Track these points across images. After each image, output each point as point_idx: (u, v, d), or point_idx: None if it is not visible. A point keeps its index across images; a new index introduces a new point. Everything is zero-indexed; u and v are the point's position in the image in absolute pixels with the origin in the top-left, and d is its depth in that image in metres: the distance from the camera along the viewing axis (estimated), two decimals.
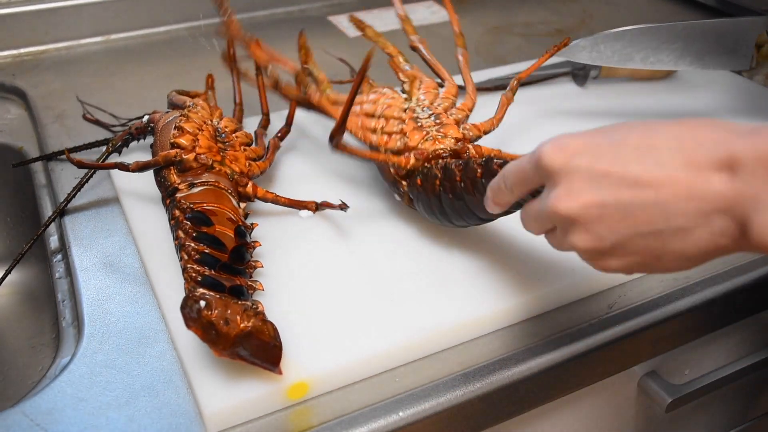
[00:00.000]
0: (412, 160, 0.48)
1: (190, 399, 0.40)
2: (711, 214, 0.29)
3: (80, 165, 0.50)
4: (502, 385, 0.42)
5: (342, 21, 0.91)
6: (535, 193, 0.37)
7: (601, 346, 0.45)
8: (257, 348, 0.39)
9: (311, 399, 0.40)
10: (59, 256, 0.54)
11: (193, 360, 0.41)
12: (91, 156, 0.60)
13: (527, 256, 0.48)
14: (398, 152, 0.50)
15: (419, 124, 0.51)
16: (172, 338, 0.43)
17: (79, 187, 0.55)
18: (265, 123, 0.59)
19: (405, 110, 0.52)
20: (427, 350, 0.43)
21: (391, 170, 0.50)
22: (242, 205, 0.50)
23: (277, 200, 0.51)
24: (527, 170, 0.35)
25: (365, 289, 0.46)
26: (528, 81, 0.73)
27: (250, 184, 0.51)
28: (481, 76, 0.73)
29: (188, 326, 0.38)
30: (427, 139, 0.49)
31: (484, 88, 0.70)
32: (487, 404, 0.42)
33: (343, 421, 0.39)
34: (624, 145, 0.31)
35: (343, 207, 0.50)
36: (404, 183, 0.49)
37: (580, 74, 0.72)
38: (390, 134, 0.51)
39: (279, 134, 0.58)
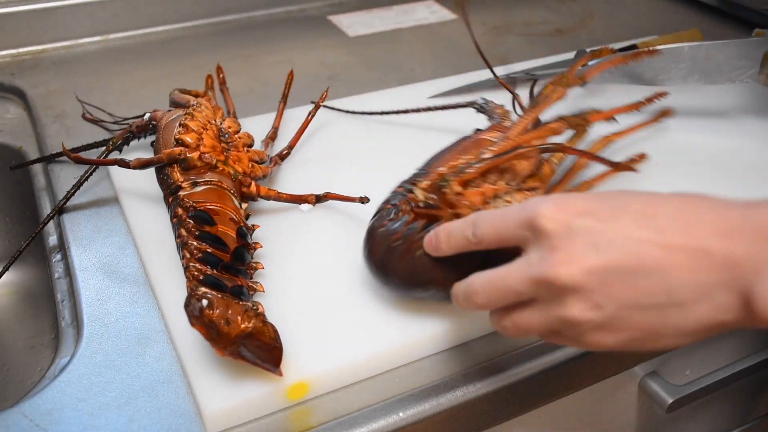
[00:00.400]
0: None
1: (189, 399, 0.40)
2: (713, 287, 0.29)
3: (79, 161, 0.49)
4: (502, 385, 0.42)
5: (342, 20, 0.90)
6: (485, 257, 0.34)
7: None
8: (258, 349, 0.39)
9: (311, 399, 0.40)
10: (58, 257, 0.54)
11: (193, 360, 0.40)
12: (90, 156, 0.60)
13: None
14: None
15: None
16: (171, 338, 0.43)
17: (78, 185, 0.55)
18: (273, 135, 0.59)
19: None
20: (427, 350, 0.43)
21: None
22: (244, 205, 0.49)
23: (279, 197, 0.52)
24: (511, 226, 0.33)
25: (365, 290, 0.46)
26: (528, 79, 0.73)
27: (253, 184, 0.51)
28: (481, 75, 0.73)
29: (192, 324, 0.38)
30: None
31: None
32: (488, 405, 0.42)
33: (343, 422, 0.39)
34: (627, 211, 0.30)
35: (364, 200, 0.51)
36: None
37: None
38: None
39: (281, 153, 0.57)
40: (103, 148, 0.58)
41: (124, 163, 0.48)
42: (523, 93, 0.71)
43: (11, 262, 0.52)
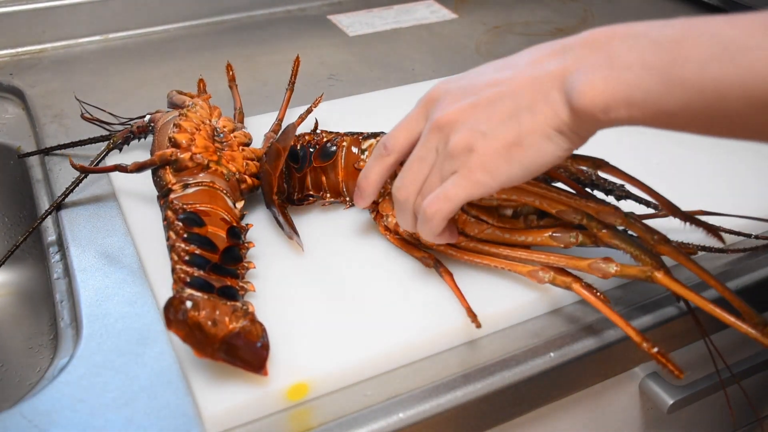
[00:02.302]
0: None
1: (189, 400, 0.40)
2: (548, 90, 0.36)
3: (83, 170, 0.50)
4: (502, 386, 0.42)
5: (342, 20, 0.90)
6: None
7: (603, 347, 0.44)
8: (245, 348, 0.38)
9: (311, 400, 0.40)
10: (57, 257, 0.53)
11: (193, 361, 0.40)
12: (91, 152, 0.60)
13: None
14: None
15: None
16: (171, 339, 0.43)
17: (77, 182, 0.55)
18: (276, 129, 0.59)
19: None
20: (427, 351, 0.43)
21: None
22: (238, 205, 0.49)
23: None
24: (413, 117, 0.43)
25: (365, 290, 0.46)
26: None
27: (249, 179, 0.51)
28: None
29: (168, 327, 0.37)
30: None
31: None
32: (488, 405, 0.42)
33: (343, 422, 0.39)
34: (489, 69, 0.40)
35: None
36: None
37: None
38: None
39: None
40: (103, 145, 0.58)
41: (122, 168, 0.49)
42: None
43: (8, 255, 0.52)
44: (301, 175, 0.52)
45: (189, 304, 0.38)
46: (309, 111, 0.60)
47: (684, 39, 0.33)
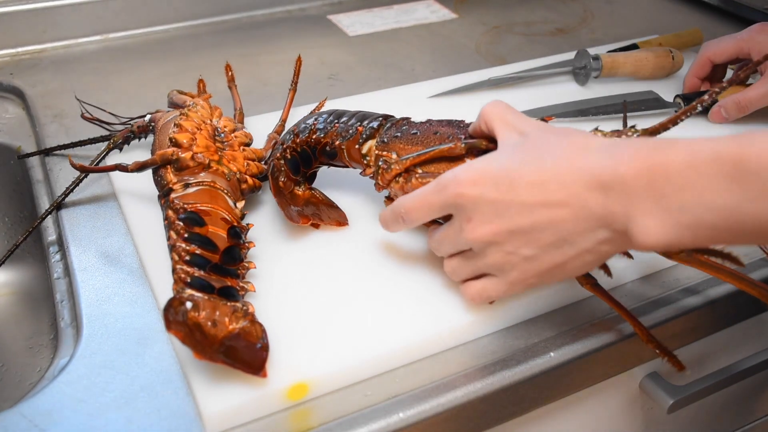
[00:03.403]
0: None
1: (189, 400, 0.40)
2: (594, 228, 0.36)
3: (83, 169, 0.50)
4: (503, 386, 0.42)
5: (342, 20, 0.90)
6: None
7: (603, 346, 0.44)
8: (244, 349, 0.38)
9: (311, 400, 0.40)
10: (57, 257, 0.53)
11: (193, 361, 0.40)
12: (91, 152, 0.60)
13: None
14: None
15: None
16: (171, 339, 0.43)
17: (78, 182, 0.55)
18: (279, 130, 0.59)
19: None
20: (427, 351, 0.43)
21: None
22: (239, 205, 0.49)
23: None
24: (434, 208, 0.41)
25: (366, 290, 0.46)
26: (529, 78, 0.73)
27: (250, 180, 0.51)
28: (481, 75, 0.73)
29: (168, 328, 0.37)
30: None
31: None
32: (488, 405, 0.42)
33: (343, 422, 0.39)
34: (521, 182, 0.38)
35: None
36: None
37: (581, 73, 0.72)
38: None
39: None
40: (103, 144, 0.58)
41: (123, 168, 0.49)
42: (525, 91, 0.71)
43: (8, 255, 0.52)
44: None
45: (189, 304, 0.38)
46: (312, 113, 0.60)
47: (740, 176, 0.32)
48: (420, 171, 0.45)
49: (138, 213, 0.53)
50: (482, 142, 0.44)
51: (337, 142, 0.50)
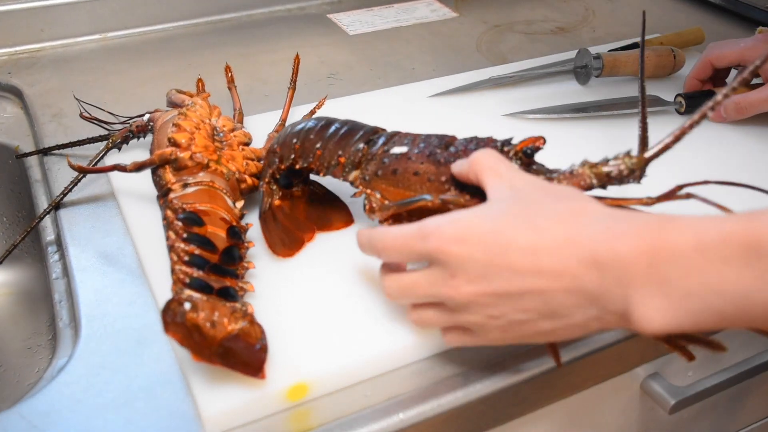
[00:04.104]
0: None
1: (188, 400, 0.39)
2: (586, 305, 0.34)
3: (81, 170, 0.50)
4: (503, 386, 0.42)
5: (342, 19, 0.90)
6: None
7: (604, 347, 0.44)
8: (243, 350, 0.38)
9: (311, 401, 0.40)
10: (56, 257, 0.53)
11: (192, 361, 0.40)
12: (89, 152, 0.60)
13: None
14: None
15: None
16: (169, 339, 0.43)
17: (76, 182, 0.55)
18: (279, 129, 0.58)
19: None
20: (427, 351, 0.43)
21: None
22: (238, 205, 0.49)
23: None
24: (412, 253, 0.38)
25: (365, 290, 0.46)
26: (529, 77, 0.72)
27: (249, 179, 0.51)
28: (482, 74, 0.73)
29: (166, 330, 0.37)
30: None
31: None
32: (488, 406, 0.42)
33: (343, 423, 0.39)
34: (512, 247, 0.35)
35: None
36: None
37: (582, 72, 0.72)
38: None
39: None
40: (102, 144, 0.58)
41: (121, 168, 0.49)
42: (526, 91, 0.70)
43: (6, 254, 0.52)
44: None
45: (188, 305, 0.38)
46: (313, 112, 0.60)
47: (732, 258, 0.30)
48: (404, 215, 0.44)
49: (137, 213, 0.53)
50: (461, 200, 0.42)
51: (322, 173, 0.49)
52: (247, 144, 0.55)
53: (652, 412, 0.54)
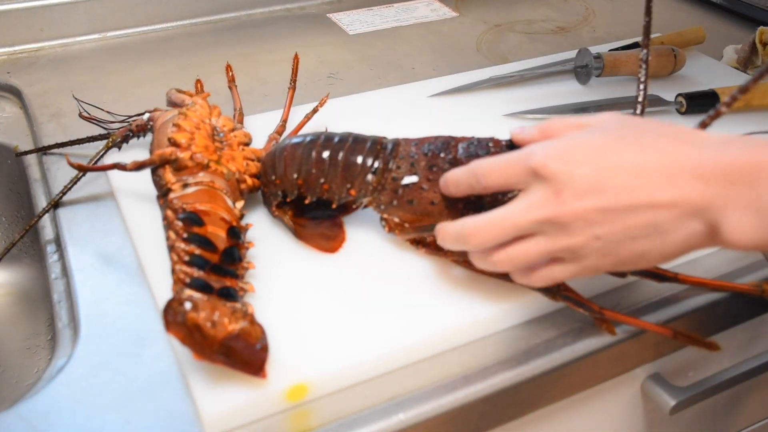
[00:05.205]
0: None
1: (188, 401, 0.39)
2: (689, 219, 0.35)
3: (81, 168, 0.50)
4: (503, 387, 0.41)
5: (342, 18, 0.90)
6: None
7: (604, 347, 0.44)
8: (243, 350, 0.38)
9: (311, 401, 0.40)
10: (55, 257, 0.53)
11: (192, 361, 0.40)
12: (88, 151, 0.59)
13: None
14: None
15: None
16: (170, 339, 0.43)
17: (75, 180, 0.55)
18: (280, 130, 0.58)
19: None
20: (427, 352, 0.43)
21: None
22: (238, 205, 0.49)
23: None
24: (516, 174, 0.38)
25: (365, 291, 0.46)
26: (530, 77, 0.72)
27: (249, 180, 0.50)
28: (482, 74, 0.73)
29: (167, 329, 0.37)
30: None
31: None
32: (489, 406, 0.42)
33: (343, 424, 0.39)
34: (620, 164, 0.36)
35: None
36: None
37: (582, 72, 0.72)
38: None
39: None
40: (101, 143, 0.58)
41: (121, 167, 0.49)
42: (526, 91, 0.70)
43: (5, 253, 0.52)
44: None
45: (188, 305, 0.38)
46: (315, 111, 0.60)
47: None
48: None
49: (136, 212, 0.53)
50: None
51: (334, 205, 0.48)
52: (247, 144, 0.54)
53: (653, 413, 0.54)
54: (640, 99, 0.44)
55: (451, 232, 0.41)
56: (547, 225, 0.37)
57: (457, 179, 0.42)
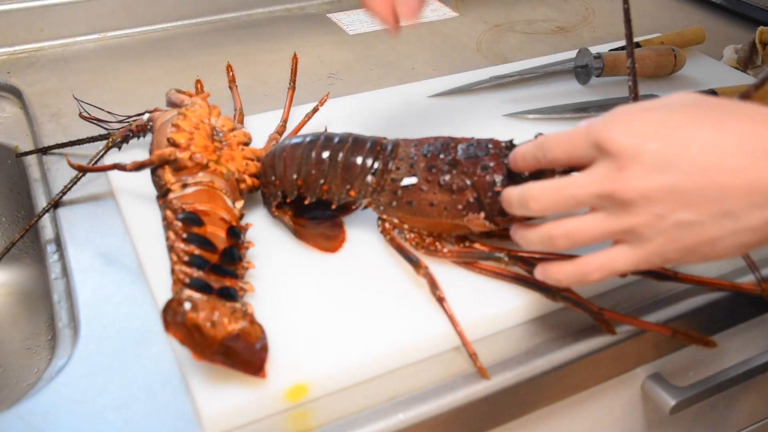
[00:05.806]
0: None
1: (188, 401, 0.39)
2: (762, 202, 0.32)
3: (81, 169, 0.50)
4: (503, 387, 0.41)
5: (342, 18, 0.90)
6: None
7: (604, 347, 0.44)
8: (243, 350, 0.38)
9: (311, 401, 0.40)
10: (55, 257, 0.53)
11: (191, 361, 0.40)
12: (88, 151, 0.59)
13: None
14: None
15: None
16: (170, 340, 0.43)
17: (75, 180, 0.55)
18: (280, 130, 0.58)
19: None
20: (427, 352, 0.43)
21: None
22: (237, 205, 0.49)
23: None
24: (580, 146, 0.36)
25: (365, 291, 0.46)
26: (530, 77, 0.72)
27: (249, 179, 0.50)
28: (482, 74, 0.73)
29: (167, 329, 0.37)
30: None
31: None
32: (488, 406, 0.41)
33: (342, 424, 0.39)
34: (693, 141, 0.33)
35: None
36: None
37: (582, 72, 0.72)
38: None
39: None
40: (101, 144, 0.58)
41: (121, 167, 0.49)
42: (526, 90, 0.70)
43: (4, 252, 0.52)
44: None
45: (188, 305, 0.38)
46: (315, 110, 0.60)
47: None
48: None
49: (136, 213, 0.53)
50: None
51: (334, 206, 0.48)
52: (246, 144, 0.54)
53: (653, 413, 0.54)
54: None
55: (515, 194, 0.39)
56: (606, 201, 0.35)
57: (525, 152, 0.40)
